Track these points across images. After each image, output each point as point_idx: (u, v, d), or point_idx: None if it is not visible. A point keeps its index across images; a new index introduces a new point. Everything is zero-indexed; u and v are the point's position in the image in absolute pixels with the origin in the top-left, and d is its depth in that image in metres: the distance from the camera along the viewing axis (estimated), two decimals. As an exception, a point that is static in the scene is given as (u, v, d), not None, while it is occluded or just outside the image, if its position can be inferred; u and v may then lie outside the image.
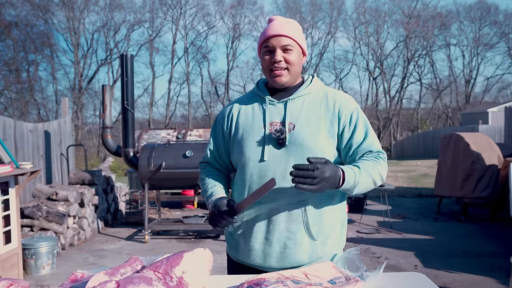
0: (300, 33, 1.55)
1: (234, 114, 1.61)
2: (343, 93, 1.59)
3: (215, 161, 1.69)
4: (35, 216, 5.36)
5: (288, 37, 1.50)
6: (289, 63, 1.51)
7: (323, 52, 35.60)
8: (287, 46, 1.50)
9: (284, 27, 1.52)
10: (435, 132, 21.35)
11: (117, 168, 19.32)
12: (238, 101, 1.66)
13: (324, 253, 1.51)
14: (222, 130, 1.64)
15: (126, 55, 6.45)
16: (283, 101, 1.54)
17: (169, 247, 5.67)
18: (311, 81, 1.59)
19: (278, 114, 1.53)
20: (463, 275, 4.33)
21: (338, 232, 1.55)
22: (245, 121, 1.57)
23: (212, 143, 1.69)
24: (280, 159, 1.48)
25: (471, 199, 6.71)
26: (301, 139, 1.47)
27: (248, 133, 1.54)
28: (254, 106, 1.59)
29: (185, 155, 5.91)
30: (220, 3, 35.21)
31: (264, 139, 1.51)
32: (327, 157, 1.48)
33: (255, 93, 1.62)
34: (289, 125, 1.50)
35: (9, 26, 26.02)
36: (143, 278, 1.11)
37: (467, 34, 35.99)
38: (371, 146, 1.51)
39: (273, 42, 1.50)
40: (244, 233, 1.54)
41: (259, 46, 1.56)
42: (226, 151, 1.65)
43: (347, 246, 1.52)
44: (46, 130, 7.01)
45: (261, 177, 1.49)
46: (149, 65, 39.03)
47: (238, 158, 1.57)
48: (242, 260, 1.59)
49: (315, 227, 1.48)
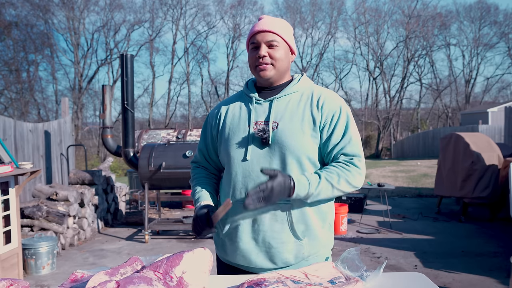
0: (287, 31, 1.55)
1: (222, 114, 1.62)
2: (330, 92, 1.57)
3: (205, 160, 1.70)
4: (35, 216, 5.36)
5: (273, 32, 1.50)
6: (273, 59, 1.51)
7: (323, 52, 35.64)
8: (272, 42, 1.50)
9: (270, 24, 1.52)
10: (435, 132, 21.34)
11: (117, 168, 19.33)
12: (227, 100, 1.67)
13: (310, 253, 1.51)
14: (211, 130, 1.66)
15: (126, 55, 6.45)
16: (269, 100, 1.54)
17: (169, 247, 5.67)
18: (299, 80, 1.58)
19: (263, 113, 1.53)
20: (463, 275, 4.33)
21: (325, 232, 1.55)
22: (232, 121, 1.58)
23: (202, 142, 1.70)
24: (263, 158, 1.49)
25: (471, 199, 6.71)
26: (283, 138, 1.47)
27: (233, 133, 1.55)
28: (241, 105, 1.60)
29: (185, 155, 5.91)
30: (220, 3, 35.28)
31: (248, 138, 1.51)
32: (310, 155, 1.48)
33: (244, 92, 1.63)
34: (272, 124, 1.50)
35: (9, 26, 26.02)
36: (143, 278, 1.11)
37: (467, 34, 36.04)
38: (346, 148, 1.49)
39: (258, 38, 1.51)
40: (230, 234, 1.54)
41: (247, 44, 1.57)
42: (215, 150, 1.66)
43: (347, 246, 1.52)
44: (46, 130, 7.01)
45: (246, 176, 1.50)
46: (149, 65, 39.10)
47: (224, 158, 1.58)
48: (229, 260, 1.59)
49: (301, 227, 1.49)
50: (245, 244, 1.51)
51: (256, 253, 1.50)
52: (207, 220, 1.45)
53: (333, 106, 1.51)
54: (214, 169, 1.70)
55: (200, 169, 1.71)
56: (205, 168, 1.71)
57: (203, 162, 1.71)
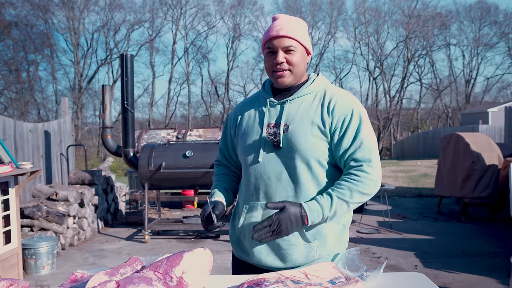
0: (303, 32, 1.53)
1: (240, 115, 1.65)
2: (343, 93, 1.53)
3: (225, 159, 1.75)
4: (35, 216, 5.36)
5: (290, 37, 1.48)
6: (291, 64, 1.49)
7: (323, 52, 35.66)
8: (289, 47, 1.48)
9: (286, 27, 1.49)
10: (435, 132, 21.34)
11: (117, 168, 19.34)
12: (247, 100, 1.69)
13: (321, 256, 1.50)
14: (229, 130, 1.70)
15: (126, 55, 6.45)
16: (282, 102, 1.54)
17: (169, 247, 5.67)
18: (313, 80, 1.56)
19: (275, 115, 1.54)
20: (463, 275, 4.33)
21: (338, 233, 1.53)
22: (247, 122, 1.60)
23: (222, 142, 1.75)
24: (274, 161, 1.50)
25: (471, 199, 6.70)
26: (293, 140, 1.47)
27: (248, 135, 1.57)
28: (257, 107, 1.61)
29: (185, 155, 5.91)
30: (220, 3, 35.31)
31: (260, 141, 1.53)
32: (319, 158, 1.48)
33: (261, 94, 1.65)
34: (284, 127, 1.50)
35: (9, 26, 26.02)
36: (143, 278, 1.11)
37: (467, 34, 36.06)
38: (356, 153, 1.46)
39: (275, 43, 1.49)
40: (243, 232, 1.57)
41: (263, 46, 1.56)
42: (234, 150, 1.70)
43: (347, 246, 1.52)
44: (46, 130, 7.01)
45: (257, 178, 1.52)
46: (149, 65, 39.12)
47: (240, 159, 1.63)
48: (242, 257, 1.62)
49: (311, 231, 1.48)
50: (255, 244, 1.53)
51: (266, 253, 1.52)
52: (209, 216, 1.50)
53: (345, 109, 1.48)
54: (234, 167, 1.74)
55: (222, 167, 1.77)
56: (226, 166, 1.76)
57: (224, 161, 1.76)
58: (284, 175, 1.48)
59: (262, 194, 1.52)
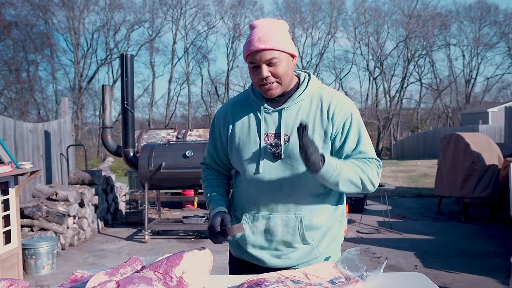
0: (285, 37, 1.44)
1: (230, 119, 1.58)
2: (339, 96, 1.52)
3: (215, 163, 1.69)
4: (35, 216, 5.36)
5: (272, 49, 1.40)
6: (277, 77, 1.44)
7: (323, 52, 35.65)
8: (272, 60, 1.41)
9: (266, 38, 1.40)
10: (435, 132, 21.34)
11: (117, 168, 19.33)
12: (235, 103, 1.61)
13: (320, 252, 1.54)
14: (220, 134, 1.62)
15: (126, 55, 6.45)
16: (278, 110, 1.50)
17: (169, 247, 5.67)
18: (307, 84, 1.52)
19: (273, 124, 1.50)
20: (463, 275, 4.33)
21: (335, 230, 1.58)
22: (241, 130, 1.54)
23: (211, 146, 1.68)
24: (276, 172, 1.48)
25: (471, 199, 6.70)
26: (295, 152, 1.45)
27: (244, 143, 1.53)
28: (250, 113, 1.55)
29: (185, 155, 5.91)
30: (220, 3, 35.25)
31: (260, 152, 1.49)
32: None
33: (251, 97, 1.57)
34: (284, 137, 1.48)
35: (9, 26, 26.02)
36: (143, 278, 1.11)
37: (467, 34, 36.04)
38: (361, 153, 1.48)
39: (257, 57, 1.41)
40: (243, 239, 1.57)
41: (245, 58, 1.47)
42: (225, 154, 1.64)
43: (347, 246, 1.53)
44: (46, 130, 7.00)
45: (259, 188, 1.50)
46: (149, 65, 39.09)
47: (236, 166, 1.59)
48: (242, 257, 1.62)
49: (311, 235, 1.51)
50: (257, 250, 1.55)
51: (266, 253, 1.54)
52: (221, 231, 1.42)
53: (344, 114, 1.48)
54: (224, 170, 1.70)
55: (211, 170, 1.71)
56: (215, 170, 1.71)
57: (213, 165, 1.70)
58: (285, 185, 1.47)
59: (263, 203, 1.50)
